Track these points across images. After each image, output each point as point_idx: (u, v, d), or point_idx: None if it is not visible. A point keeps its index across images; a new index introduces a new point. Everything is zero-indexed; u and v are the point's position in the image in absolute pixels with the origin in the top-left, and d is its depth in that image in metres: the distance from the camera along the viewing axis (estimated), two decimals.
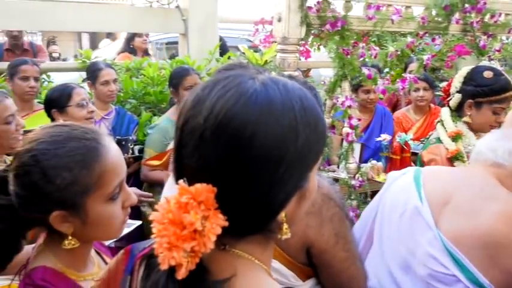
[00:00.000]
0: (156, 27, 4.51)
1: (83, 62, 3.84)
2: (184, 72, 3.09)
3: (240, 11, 7.01)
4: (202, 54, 4.12)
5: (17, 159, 1.02)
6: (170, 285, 0.64)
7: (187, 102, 0.68)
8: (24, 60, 3.01)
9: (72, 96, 2.50)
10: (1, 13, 3.82)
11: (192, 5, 4.30)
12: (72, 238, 1.03)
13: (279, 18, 2.20)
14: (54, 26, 4.32)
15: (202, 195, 0.62)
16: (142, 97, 3.65)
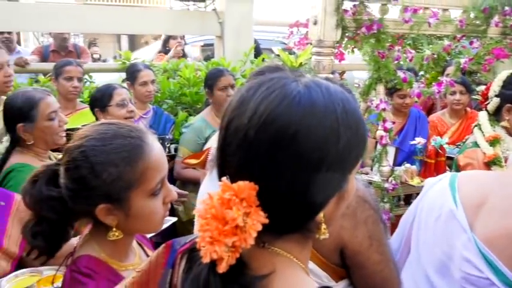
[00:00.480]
0: (193, 29, 4.59)
1: (122, 63, 3.94)
2: (219, 73, 3.13)
3: (275, 13, 7.04)
4: (237, 56, 4.16)
5: (68, 154, 1.07)
6: (211, 278, 0.66)
7: (232, 103, 0.70)
8: (68, 61, 3.11)
9: (113, 96, 2.58)
10: (48, 16, 3.98)
11: (228, 8, 4.35)
12: (116, 230, 1.07)
13: (315, 21, 2.20)
14: (96, 28, 4.45)
15: (245, 192, 0.63)
16: (179, 97, 3.72)
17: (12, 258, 1.54)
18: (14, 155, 1.95)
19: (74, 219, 1.13)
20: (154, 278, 0.84)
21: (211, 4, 4.45)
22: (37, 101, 1.94)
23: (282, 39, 5.70)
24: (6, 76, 2.49)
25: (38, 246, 1.09)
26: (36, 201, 1.07)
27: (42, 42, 8.31)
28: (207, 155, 1.69)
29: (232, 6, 4.36)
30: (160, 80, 3.77)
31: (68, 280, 1.08)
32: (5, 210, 1.57)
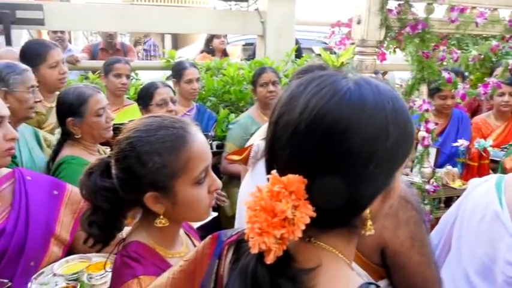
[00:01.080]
0: (236, 29, 4.62)
1: (167, 61, 4.02)
2: (261, 70, 3.19)
3: (315, 13, 6.99)
4: (279, 56, 4.16)
5: (117, 145, 1.12)
6: (259, 268, 0.67)
7: (282, 98, 0.72)
8: (118, 59, 3.19)
9: (154, 96, 2.64)
10: (97, 16, 4.11)
11: (271, 8, 4.36)
12: (163, 217, 1.11)
13: (359, 20, 2.18)
14: (143, 27, 4.56)
15: (294, 185, 0.64)
16: (222, 95, 3.77)
17: (63, 244, 1.60)
18: (65, 148, 2.03)
19: (127, 209, 1.17)
20: (200, 267, 0.86)
21: (253, 4, 4.47)
22: (87, 97, 2.01)
23: (322, 38, 5.66)
24: (61, 73, 2.60)
25: (94, 235, 1.13)
26: (92, 192, 1.12)
27: (91, 40, 8.59)
28: (249, 151, 1.71)
29: (274, 6, 4.37)
30: (204, 78, 3.83)
31: (118, 264, 1.12)
32: (57, 199, 1.64)
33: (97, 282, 1.46)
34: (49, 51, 2.57)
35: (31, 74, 2.14)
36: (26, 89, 2.08)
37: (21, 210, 1.51)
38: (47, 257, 1.54)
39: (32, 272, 1.48)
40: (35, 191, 1.58)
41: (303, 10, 5.08)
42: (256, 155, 1.70)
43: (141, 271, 1.07)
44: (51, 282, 1.45)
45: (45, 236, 1.55)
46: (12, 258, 1.45)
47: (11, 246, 1.45)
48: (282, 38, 4.38)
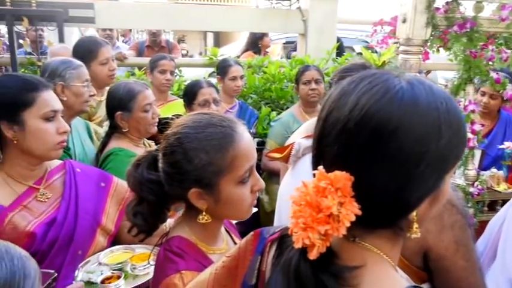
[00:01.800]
0: (277, 27, 4.61)
1: (210, 59, 4.07)
2: (305, 67, 3.15)
3: (357, 11, 6.87)
4: (320, 54, 4.13)
5: (166, 140, 1.12)
6: (302, 263, 0.67)
7: (332, 95, 0.71)
8: (163, 56, 3.25)
9: (196, 96, 2.64)
10: (144, 14, 4.21)
11: (313, 6, 4.33)
12: (205, 214, 1.11)
13: (404, 19, 2.12)
14: (186, 26, 4.62)
15: (340, 182, 0.63)
16: (263, 93, 3.77)
17: (108, 234, 1.64)
18: (113, 140, 2.08)
19: (170, 202, 1.18)
20: (243, 263, 0.85)
21: (295, 2, 4.44)
22: (136, 93, 2.05)
23: (363, 37, 5.56)
24: (110, 70, 2.68)
25: (138, 225, 1.15)
26: (138, 183, 1.14)
27: (137, 38, 8.81)
28: (290, 149, 1.70)
29: (316, 5, 4.33)
30: (245, 76, 3.85)
31: (161, 257, 1.13)
32: (104, 191, 1.68)
33: (140, 273, 1.49)
34: (100, 48, 2.65)
35: (85, 69, 2.22)
36: (81, 83, 2.15)
37: (71, 201, 1.56)
38: (93, 247, 1.58)
39: (79, 260, 1.53)
40: (84, 183, 1.62)
41: (344, 8, 5.01)
42: (297, 153, 1.69)
43: (184, 266, 1.07)
44: (97, 270, 1.49)
45: (92, 226, 1.59)
46: (62, 246, 1.50)
47: (61, 235, 1.49)
48: (323, 37, 4.34)
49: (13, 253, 0.98)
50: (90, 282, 1.45)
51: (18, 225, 1.43)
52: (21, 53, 4.08)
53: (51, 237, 1.47)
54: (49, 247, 1.47)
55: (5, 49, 4.36)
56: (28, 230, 1.43)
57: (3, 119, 1.43)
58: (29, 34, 4.15)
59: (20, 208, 1.46)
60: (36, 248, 1.43)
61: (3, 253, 0.96)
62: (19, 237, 1.41)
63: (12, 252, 0.98)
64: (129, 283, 1.45)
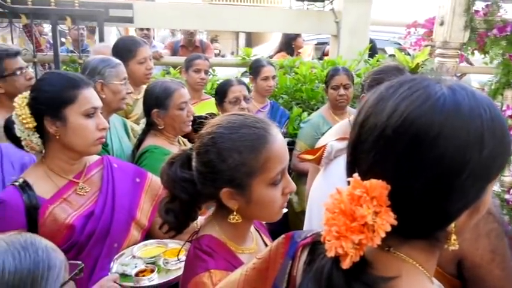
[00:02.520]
0: (310, 28, 4.57)
1: (242, 58, 4.07)
2: (334, 71, 3.09)
3: (389, 13, 6.73)
4: (352, 55, 4.07)
5: (200, 139, 1.12)
6: (334, 272, 0.65)
7: (369, 100, 0.68)
8: (198, 56, 3.27)
9: (227, 94, 2.63)
10: (179, 15, 4.25)
11: (346, 8, 4.26)
12: (236, 214, 1.10)
13: (442, 21, 2.06)
14: (220, 26, 4.64)
15: (376, 190, 0.61)
16: (293, 93, 3.74)
17: (142, 229, 1.67)
18: (149, 137, 2.10)
19: (202, 201, 1.18)
20: (273, 266, 0.84)
21: (329, 4, 4.39)
22: (172, 91, 2.07)
23: (396, 39, 5.44)
24: (147, 69, 2.71)
25: (169, 222, 1.15)
26: (171, 181, 1.14)
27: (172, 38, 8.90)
28: (322, 151, 1.67)
29: (349, 6, 4.27)
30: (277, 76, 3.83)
31: (191, 255, 1.14)
32: (139, 186, 1.70)
33: (172, 268, 1.50)
34: (139, 47, 2.68)
35: (123, 67, 2.26)
36: (119, 81, 2.19)
37: (108, 195, 1.59)
38: (128, 240, 1.61)
39: (114, 252, 1.56)
40: (120, 178, 1.65)
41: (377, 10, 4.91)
42: (329, 155, 1.66)
43: (213, 265, 1.07)
44: (131, 263, 1.51)
45: (127, 220, 1.62)
46: (99, 239, 1.53)
47: (98, 228, 1.52)
48: (355, 38, 4.27)
49: (38, 244, 1.00)
50: (124, 274, 1.47)
51: (59, 218, 1.46)
52: (63, 50, 4.20)
53: (89, 229, 1.51)
54: (87, 239, 1.50)
55: (48, 47, 4.50)
56: (68, 222, 1.47)
57: (46, 115, 1.47)
58: (71, 33, 4.26)
59: (60, 201, 1.49)
60: (75, 240, 1.47)
61: (28, 244, 0.98)
62: (59, 229, 1.45)
63: (37, 244, 1.00)
64: (162, 277, 1.47)
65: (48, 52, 4.16)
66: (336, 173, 1.63)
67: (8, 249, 0.95)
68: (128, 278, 1.46)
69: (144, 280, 1.44)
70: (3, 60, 2.21)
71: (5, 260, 0.93)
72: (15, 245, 0.97)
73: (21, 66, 2.27)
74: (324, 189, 1.67)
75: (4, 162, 1.86)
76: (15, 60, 2.26)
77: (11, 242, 0.97)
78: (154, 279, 1.45)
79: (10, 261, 0.93)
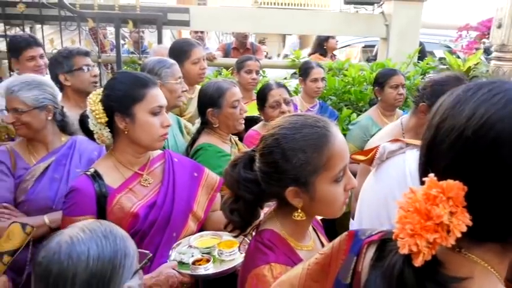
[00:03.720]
0: (359, 31, 4.49)
1: (292, 60, 4.06)
2: (392, 71, 3.00)
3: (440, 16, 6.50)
4: (401, 58, 3.97)
5: (263, 141, 1.13)
6: (406, 269, 0.64)
7: (445, 102, 0.67)
8: (249, 57, 3.30)
9: (267, 98, 2.53)
10: (230, 18, 4.30)
11: (396, 11, 4.16)
12: (301, 211, 1.10)
13: (499, 24, 1.96)
14: (270, 29, 4.65)
15: (453, 191, 0.59)
16: (342, 95, 3.70)
17: (198, 220, 1.70)
18: (203, 136, 2.14)
19: (265, 200, 1.19)
20: (336, 262, 0.83)
21: (379, 7, 4.30)
22: (225, 90, 2.10)
23: (446, 42, 5.25)
24: (201, 69, 2.76)
25: (234, 221, 1.16)
26: (235, 182, 1.15)
27: (222, 40, 9.03)
28: (375, 152, 1.64)
29: (400, 9, 4.16)
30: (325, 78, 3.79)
31: (252, 248, 1.15)
32: (197, 180, 1.74)
33: (226, 258, 1.52)
34: (193, 49, 2.73)
35: (178, 67, 2.32)
36: (175, 80, 2.25)
37: (169, 187, 1.63)
38: (185, 230, 1.65)
39: (173, 241, 1.60)
40: (180, 171, 1.69)
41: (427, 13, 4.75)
42: (381, 156, 1.63)
43: (274, 258, 1.07)
44: (188, 252, 1.55)
45: (185, 211, 1.65)
46: (160, 228, 1.57)
47: (159, 217, 1.57)
48: (405, 41, 4.15)
49: (116, 233, 1.03)
50: (181, 262, 1.51)
51: (125, 206, 1.52)
52: (124, 52, 4.36)
53: (151, 218, 1.55)
54: (149, 227, 1.55)
55: (111, 49, 4.69)
56: (133, 211, 1.52)
57: (117, 111, 1.53)
58: (132, 35, 4.41)
59: (126, 191, 1.55)
60: (138, 228, 1.52)
61: (107, 233, 1.01)
62: (125, 216, 1.50)
63: (115, 232, 1.03)
64: (216, 267, 1.50)
65: (111, 53, 4.34)
66: (388, 174, 1.59)
67: (92, 237, 0.99)
68: (184, 266, 1.50)
69: (200, 269, 1.48)
70: (74, 57, 2.35)
71: (89, 247, 0.97)
72: (97, 233, 1.00)
73: (88, 64, 2.39)
74: (376, 190, 1.63)
75: (74, 154, 1.96)
76: (85, 58, 2.39)
77: (93, 230, 1.01)
78: (210, 269, 1.48)
79: (94, 248, 0.97)
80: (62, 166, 1.91)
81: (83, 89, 2.36)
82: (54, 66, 2.37)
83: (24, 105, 1.83)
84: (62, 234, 1.01)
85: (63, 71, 2.35)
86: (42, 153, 1.93)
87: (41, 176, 1.87)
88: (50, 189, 1.86)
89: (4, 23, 3.78)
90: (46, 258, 0.97)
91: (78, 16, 3.74)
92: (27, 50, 2.70)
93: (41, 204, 1.84)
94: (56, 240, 0.99)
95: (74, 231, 1.01)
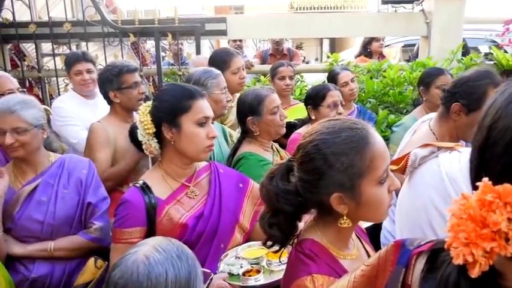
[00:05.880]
0: (399, 30, 4.39)
1: (330, 64, 4.03)
2: (439, 71, 2.91)
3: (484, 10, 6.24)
4: (444, 56, 3.85)
5: (301, 149, 1.10)
6: (462, 281, 0.62)
7: (497, 102, 0.64)
8: (281, 63, 3.30)
9: (326, 98, 2.58)
10: (266, 25, 4.33)
11: (437, 8, 4.03)
12: (346, 218, 1.07)
13: None
14: (307, 33, 4.61)
15: (510, 196, 0.57)
16: (381, 97, 3.63)
17: (244, 231, 1.70)
18: (244, 145, 2.15)
19: (305, 211, 1.16)
20: (383, 273, 0.81)
21: (419, 5, 4.18)
22: (263, 97, 2.11)
23: (492, 37, 5.03)
24: (241, 78, 2.80)
25: (274, 236, 1.13)
26: (273, 195, 1.12)
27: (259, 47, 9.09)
28: (406, 160, 1.58)
29: (441, 6, 4.03)
30: (363, 80, 3.74)
31: (293, 258, 1.12)
32: (242, 191, 1.75)
33: (275, 269, 1.51)
34: (233, 58, 2.78)
35: (223, 77, 2.36)
36: (220, 90, 2.29)
37: (216, 198, 1.64)
38: (232, 241, 1.65)
39: (220, 253, 1.61)
40: (226, 182, 1.71)
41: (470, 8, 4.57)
42: (413, 163, 1.56)
43: (315, 269, 1.05)
44: (236, 264, 1.55)
45: (232, 222, 1.66)
46: (207, 238, 1.59)
47: (207, 228, 1.58)
48: (447, 38, 4.02)
49: (187, 253, 1.03)
50: (230, 273, 1.51)
51: (174, 217, 1.55)
52: (164, 64, 4.48)
53: (199, 229, 1.57)
54: (197, 239, 1.57)
55: (152, 61, 4.83)
56: (182, 222, 1.55)
57: (164, 122, 1.56)
58: (171, 48, 4.53)
59: (175, 202, 1.58)
60: (187, 239, 1.54)
61: (180, 253, 1.00)
62: (174, 228, 1.53)
63: (186, 252, 1.03)
64: (266, 278, 1.49)
65: (152, 66, 4.47)
66: (423, 180, 1.53)
67: (167, 257, 0.98)
68: (234, 278, 1.49)
69: (251, 280, 1.47)
70: (123, 74, 2.40)
71: (167, 268, 0.96)
72: (172, 253, 1.00)
73: (136, 81, 2.45)
74: (413, 198, 1.57)
75: (63, 174, 1.92)
76: (133, 75, 2.44)
77: (168, 250, 1.00)
78: (260, 280, 1.47)
79: (171, 270, 0.97)
80: (50, 187, 1.86)
81: (131, 106, 2.43)
82: (103, 83, 2.43)
83: (26, 124, 1.79)
84: (136, 253, 1.00)
85: (112, 89, 2.40)
86: (29, 176, 1.88)
87: (28, 199, 1.82)
88: (38, 213, 1.82)
89: (52, 42, 3.98)
90: (123, 279, 0.95)
91: (120, 32, 3.89)
92: (75, 65, 2.86)
93: (29, 229, 1.81)
94: (131, 260, 0.98)
95: (148, 250, 1.00)
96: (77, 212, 1.89)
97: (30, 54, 4.30)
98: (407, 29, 4.24)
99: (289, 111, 3.05)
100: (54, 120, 2.83)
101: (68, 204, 1.87)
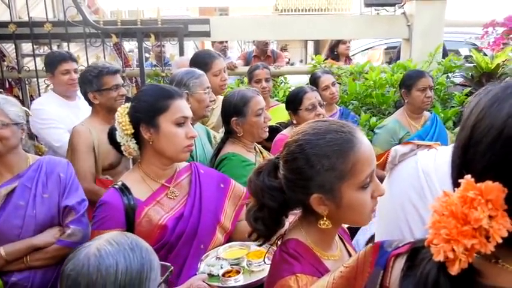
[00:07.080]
0: (381, 33, 4.42)
1: (314, 66, 4.03)
2: (420, 74, 2.92)
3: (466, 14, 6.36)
4: (425, 58, 3.90)
5: (287, 148, 1.10)
6: (441, 278, 0.61)
7: (480, 102, 0.63)
8: (256, 66, 3.28)
9: (302, 101, 2.55)
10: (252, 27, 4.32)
11: (418, 11, 4.09)
12: (326, 219, 1.07)
13: None
14: (291, 35, 4.62)
15: (492, 193, 0.56)
16: (364, 99, 3.64)
17: (225, 232, 1.69)
18: (227, 145, 2.13)
19: (290, 209, 1.16)
20: (362, 275, 0.80)
21: (400, 8, 4.23)
22: (249, 98, 2.09)
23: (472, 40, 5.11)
24: (222, 80, 2.78)
25: (258, 230, 1.14)
26: (259, 190, 1.12)
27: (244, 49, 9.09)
28: (386, 157, 1.59)
29: (422, 9, 4.08)
30: (345, 83, 3.75)
31: (277, 258, 1.12)
32: (223, 191, 1.73)
33: (255, 269, 1.49)
34: (214, 60, 2.76)
35: (206, 77, 2.34)
36: (203, 90, 2.27)
37: (196, 199, 1.62)
38: (213, 242, 1.63)
39: (201, 253, 1.59)
40: (206, 183, 1.69)
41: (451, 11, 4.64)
42: (393, 159, 1.57)
43: (299, 269, 1.05)
44: (217, 264, 1.53)
45: (213, 223, 1.64)
46: (187, 239, 1.56)
47: (187, 229, 1.56)
48: (428, 40, 4.07)
49: (141, 245, 1.03)
50: (210, 274, 1.49)
51: (153, 218, 1.52)
52: (147, 65, 4.43)
53: (179, 230, 1.55)
54: (177, 239, 1.54)
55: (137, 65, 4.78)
56: (161, 223, 1.52)
57: (142, 122, 1.54)
58: (154, 49, 4.48)
59: (154, 203, 1.55)
60: (166, 240, 1.52)
61: (134, 246, 1.01)
62: (153, 229, 1.50)
63: (141, 245, 1.03)
64: (246, 278, 1.47)
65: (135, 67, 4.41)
66: (401, 177, 1.54)
67: (119, 249, 0.99)
68: (214, 278, 1.48)
69: (230, 281, 1.45)
70: (103, 76, 2.37)
71: (118, 260, 0.97)
72: (124, 245, 1.00)
73: (117, 84, 2.41)
74: (392, 194, 1.56)
75: (40, 177, 1.85)
76: (114, 77, 2.41)
77: (120, 242, 1.01)
78: (240, 280, 1.46)
79: (122, 261, 0.97)
80: (28, 191, 1.79)
81: (110, 105, 2.39)
82: (84, 83, 2.40)
83: (7, 119, 1.74)
84: (89, 246, 1.01)
85: (92, 90, 2.38)
86: (6, 177, 1.80)
87: (5, 203, 1.75)
88: (15, 217, 1.75)
89: (32, 42, 3.89)
90: (75, 271, 0.97)
91: (102, 32, 3.83)
92: (62, 64, 2.80)
93: (7, 235, 1.74)
94: (84, 253, 0.99)
95: (101, 243, 1.01)
96: (59, 215, 1.84)
97: (10, 54, 4.20)
98: (390, 31, 4.28)
99: (269, 113, 3.04)
100: (34, 122, 2.74)
101: (48, 207, 1.82)
